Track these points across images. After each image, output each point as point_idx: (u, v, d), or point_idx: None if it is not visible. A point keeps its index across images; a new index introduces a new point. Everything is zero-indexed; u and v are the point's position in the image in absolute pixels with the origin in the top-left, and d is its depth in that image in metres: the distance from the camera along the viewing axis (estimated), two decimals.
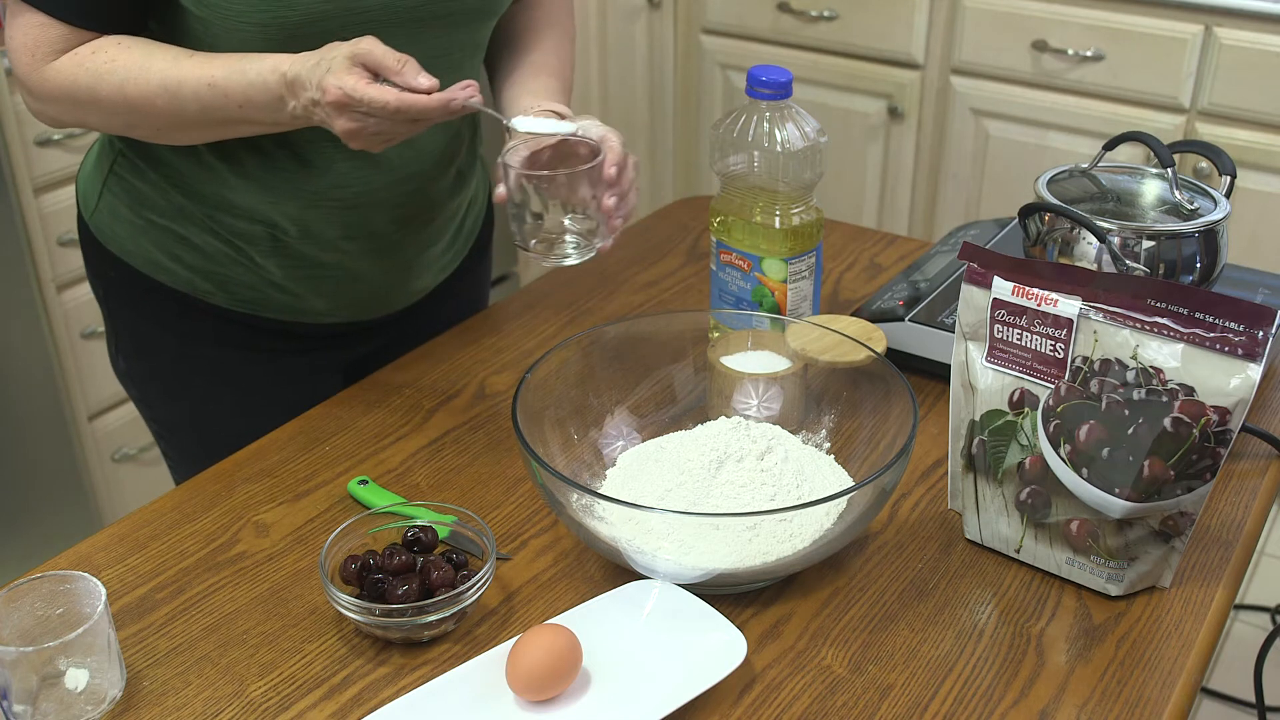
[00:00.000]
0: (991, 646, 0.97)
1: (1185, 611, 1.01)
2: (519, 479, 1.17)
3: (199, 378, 1.32)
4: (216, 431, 1.33)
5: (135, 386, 1.37)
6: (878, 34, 2.81)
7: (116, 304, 1.32)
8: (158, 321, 1.29)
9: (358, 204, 1.23)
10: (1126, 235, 1.21)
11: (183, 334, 1.30)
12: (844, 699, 0.93)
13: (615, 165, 1.11)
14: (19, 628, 0.91)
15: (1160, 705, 0.92)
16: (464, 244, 1.41)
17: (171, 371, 1.33)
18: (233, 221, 1.23)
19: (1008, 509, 1.04)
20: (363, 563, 0.99)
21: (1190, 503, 0.97)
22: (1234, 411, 0.92)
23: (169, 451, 1.40)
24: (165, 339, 1.30)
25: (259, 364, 1.33)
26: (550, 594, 1.03)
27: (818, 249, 1.27)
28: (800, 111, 1.23)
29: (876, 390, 1.11)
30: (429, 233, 1.32)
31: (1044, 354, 0.99)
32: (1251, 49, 2.41)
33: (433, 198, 1.30)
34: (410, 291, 1.36)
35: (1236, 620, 2.32)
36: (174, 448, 1.39)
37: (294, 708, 0.92)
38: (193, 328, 1.29)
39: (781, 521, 0.99)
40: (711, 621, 0.95)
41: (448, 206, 1.33)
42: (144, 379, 1.36)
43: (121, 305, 1.32)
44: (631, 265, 1.58)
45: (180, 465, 1.40)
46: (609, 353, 1.18)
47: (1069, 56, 2.59)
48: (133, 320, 1.32)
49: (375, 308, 1.35)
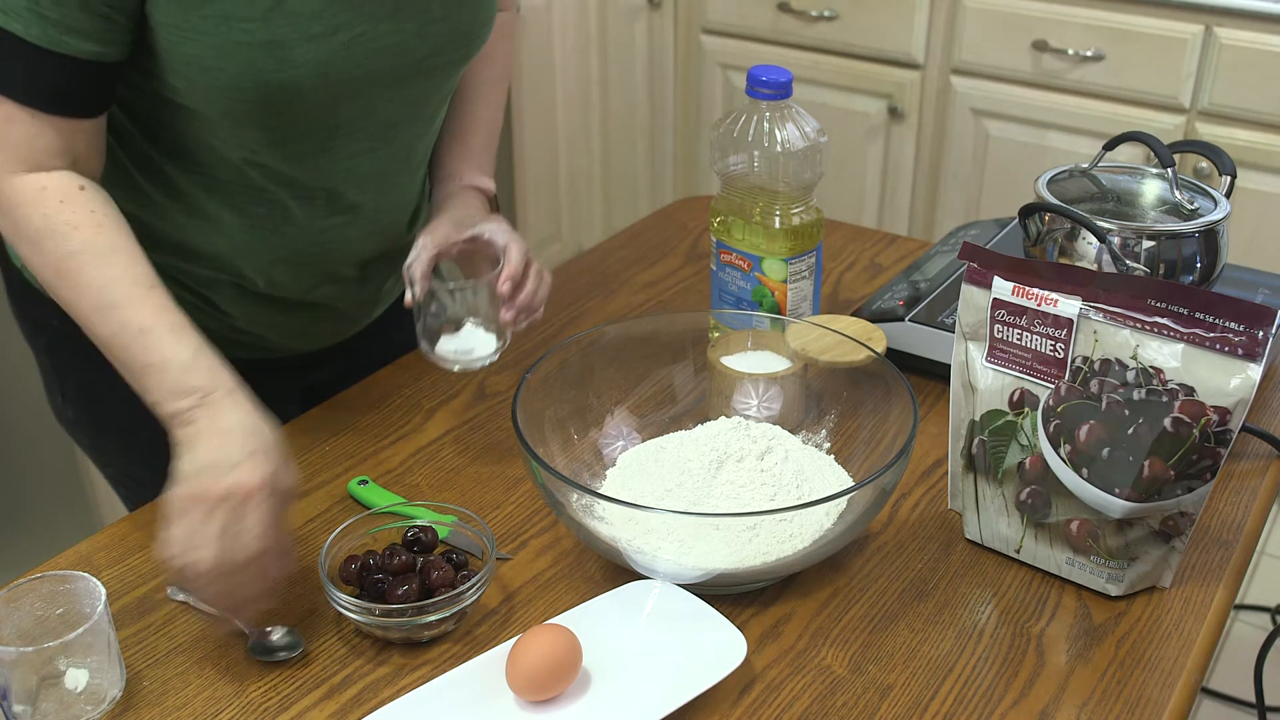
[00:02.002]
0: (991, 646, 0.97)
1: (1185, 611, 1.01)
2: (519, 479, 1.17)
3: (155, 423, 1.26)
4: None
5: (87, 436, 1.31)
6: (878, 34, 2.81)
7: (62, 354, 1.25)
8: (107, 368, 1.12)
9: (329, 256, 1.21)
10: (1126, 235, 1.21)
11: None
12: (844, 699, 0.93)
13: (509, 279, 1.13)
14: (19, 628, 0.91)
15: (1160, 705, 0.92)
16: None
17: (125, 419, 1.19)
18: (196, 270, 1.19)
19: (1008, 509, 1.04)
20: (363, 563, 0.99)
21: (1190, 503, 0.97)
22: (1234, 411, 0.92)
23: (128, 498, 1.34)
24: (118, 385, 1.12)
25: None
26: (550, 594, 1.03)
27: (818, 249, 1.27)
28: (800, 111, 1.23)
29: (876, 390, 1.11)
30: (393, 265, 1.29)
31: (1044, 354, 0.99)
32: (1251, 49, 2.41)
33: (400, 236, 1.27)
34: (372, 317, 1.37)
35: (1236, 620, 2.32)
36: (132, 492, 1.33)
37: (294, 708, 0.92)
38: None
39: (781, 521, 0.99)
40: (711, 621, 0.95)
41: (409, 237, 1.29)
42: (96, 428, 1.30)
43: (69, 355, 1.23)
44: (631, 265, 1.58)
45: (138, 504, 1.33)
46: (609, 353, 1.18)
47: (1069, 56, 2.59)
48: (82, 368, 1.21)
49: (335, 335, 1.34)
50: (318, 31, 1.02)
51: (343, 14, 1.03)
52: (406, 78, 1.12)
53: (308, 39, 1.02)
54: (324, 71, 1.04)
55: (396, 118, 1.15)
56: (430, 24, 1.10)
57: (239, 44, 0.99)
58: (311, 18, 1.01)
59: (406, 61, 1.10)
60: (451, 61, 1.16)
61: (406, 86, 1.13)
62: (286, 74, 1.02)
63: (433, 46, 1.12)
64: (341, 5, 1.03)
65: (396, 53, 1.09)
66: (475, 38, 1.17)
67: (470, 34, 1.16)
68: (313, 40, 1.02)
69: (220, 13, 0.98)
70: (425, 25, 1.10)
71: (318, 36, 1.02)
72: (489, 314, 1.15)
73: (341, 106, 1.08)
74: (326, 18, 1.02)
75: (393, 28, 1.07)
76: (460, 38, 1.14)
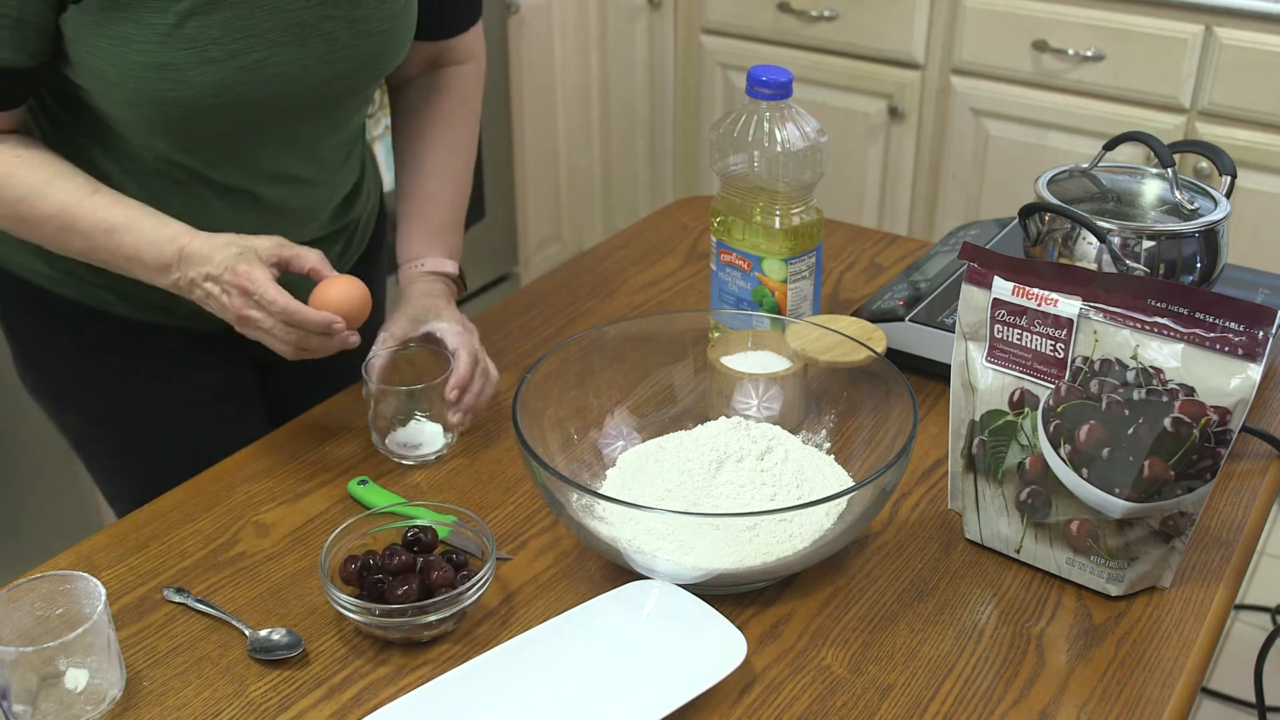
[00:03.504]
0: (991, 647, 0.97)
1: (1185, 611, 1.01)
2: (519, 479, 1.17)
3: (105, 386, 1.30)
4: (128, 440, 1.32)
5: (43, 399, 1.35)
6: (878, 34, 2.81)
7: (15, 316, 1.30)
8: (59, 331, 1.28)
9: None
10: (1126, 235, 1.21)
11: (86, 343, 1.28)
12: (844, 699, 0.93)
13: (456, 388, 1.17)
14: (19, 628, 0.91)
15: (1160, 705, 0.92)
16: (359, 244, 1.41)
17: (75, 381, 1.30)
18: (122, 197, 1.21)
19: (1008, 509, 1.04)
20: (363, 563, 0.99)
21: (1190, 503, 0.97)
22: (1234, 411, 0.92)
23: (86, 460, 1.38)
24: (68, 349, 1.28)
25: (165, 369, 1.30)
26: (550, 594, 1.03)
27: (818, 249, 1.27)
28: (800, 111, 1.23)
29: (876, 390, 1.11)
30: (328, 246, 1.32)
31: (1044, 354, 0.99)
32: (1251, 49, 2.41)
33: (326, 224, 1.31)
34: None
35: (1236, 620, 2.32)
36: (90, 456, 1.37)
37: (294, 708, 0.92)
38: (96, 337, 1.27)
39: (781, 521, 0.99)
40: (711, 621, 0.95)
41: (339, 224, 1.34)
42: (50, 390, 1.33)
43: (20, 316, 1.30)
44: (631, 265, 1.58)
45: (98, 475, 1.38)
46: (609, 353, 1.18)
47: (1069, 56, 2.59)
48: (34, 331, 1.30)
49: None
50: (214, 56, 1.07)
51: (241, 40, 1.07)
52: (310, 100, 1.15)
53: (203, 62, 1.07)
54: (218, 94, 1.09)
55: (303, 132, 1.19)
56: (335, 51, 1.13)
57: (136, 64, 1.05)
58: (208, 43, 1.06)
59: (309, 85, 1.14)
60: (359, 84, 1.20)
61: (311, 107, 1.16)
62: (181, 93, 1.07)
63: (338, 72, 1.15)
64: (241, 32, 1.07)
65: (298, 78, 1.12)
66: (386, 63, 1.20)
67: (380, 59, 1.19)
68: (209, 64, 1.07)
69: (121, 34, 1.04)
70: (330, 52, 1.13)
71: (214, 60, 1.07)
72: (438, 411, 1.19)
73: (243, 122, 1.13)
74: (224, 43, 1.07)
75: (295, 54, 1.11)
76: (369, 63, 1.18)
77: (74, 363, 1.30)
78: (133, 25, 1.04)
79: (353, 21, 1.13)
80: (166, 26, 1.04)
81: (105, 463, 1.36)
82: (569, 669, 0.93)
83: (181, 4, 1.04)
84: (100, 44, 1.05)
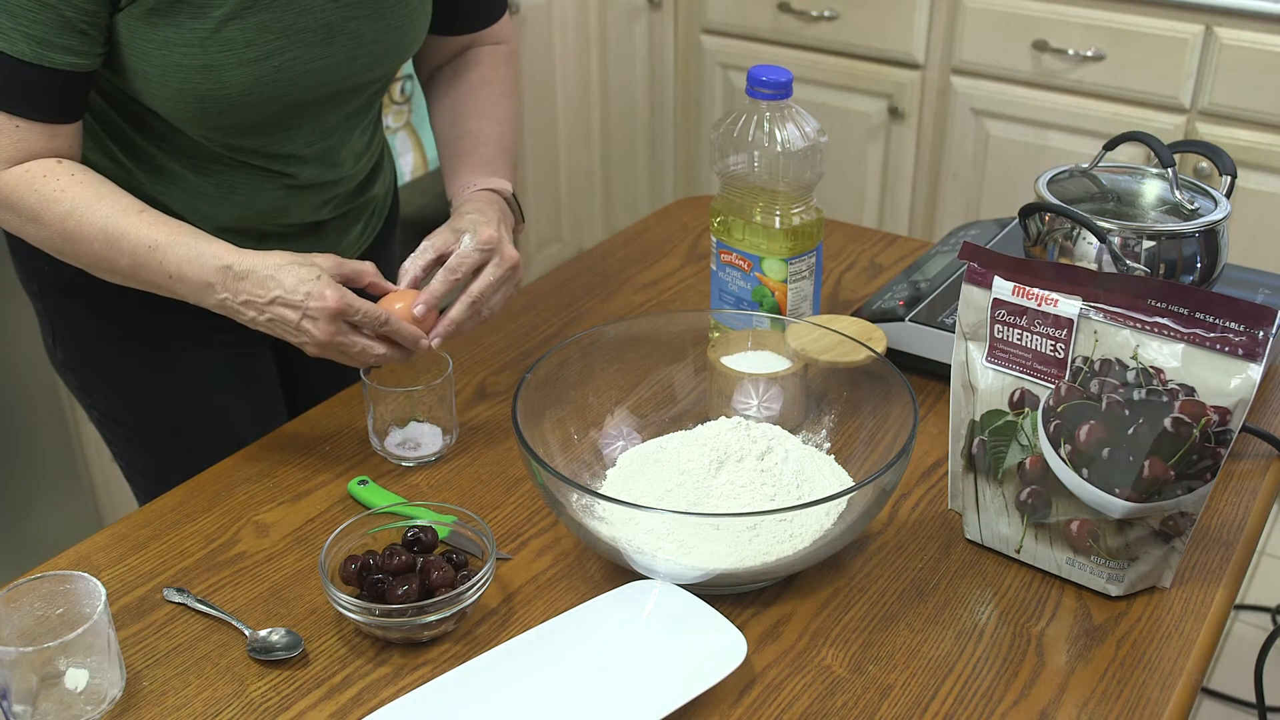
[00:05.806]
0: (991, 647, 0.97)
1: (1185, 611, 1.01)
2: (519, 479, 1.17)
3: (138, 361, 1.33)
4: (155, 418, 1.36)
5: (74, 375, 1.38)
6: (878, 34, 2.81)
7: (51, 296, 1.33)
8: (93, 308, 1.30)
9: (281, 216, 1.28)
10: (1127, 235, 1.21)
11: (120, 318, 1.30)
12: (844, 699, 0.93)
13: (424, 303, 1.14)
14: (19, 628, 0.91)
15: (1160, 705, 0.92)
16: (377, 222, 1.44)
17: (109, 356, 1.34)
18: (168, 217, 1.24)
19: (1008, 509, 1.04)
20: (363, 563, 0.99)
21: (1190, 503, 0.97)
22: (1234, 411, 0.92)
23: (112, 440, 1.41)
24: (103, 325, 1.31)
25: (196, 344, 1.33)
26: (550, 594, 1.03)
27: (818, 249, 1.27)
28: (800, 111, 1.23)
29: (876, 390, 1.11)
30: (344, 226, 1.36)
31: (1044, 354, 0.99)
32: (1251, 49, 2.41)
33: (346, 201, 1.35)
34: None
35: (1236, 620, 2.32)
36: (115, 435, 1.40)
37: (294, 708, 0.92)
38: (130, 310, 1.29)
39: (781, 521, 0.99)
40: (711, 621, 0.95)
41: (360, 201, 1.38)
42: (82, 367, 1.36)
43: (56, 295, 1.32)
44: (631, 265, 1.58)
45: (125, 453, 1.41)
46: (609, 353, 1.18)
47: (1069, 56, 2.59)
48: (69, 309, 1.32)
49: None
50: (251, 57, 1.12)
51: (275, 41, 1.13)
52: (337, 91, 1.21)
53: (241, 64, 1.12)
54: (255, 90, 1.14)
55: (330, 117, 1.24)
56: (360, 47, 1.20)
57: (178, 65, 1.10)
58: (245, 45, 1.11)
59: (336, 78, 1.20)
60: (381, 74, 1.26)
61: (338, 96, 1.22)
62: (221, 92, 1.12)
63: (362, 65, 1.21)
64: (275, 33, 1.13)
65: (326, 72, 1.18)
66: (406, 52, 1.26)
67: (400, 50, 1.25)
68: (246, 65, 1.12)
69: (163, 38, 1.09)
70: (356, 49, 1.19)
71: (251, 61, 1.12)
72: (436, 412, 1.19)
73: (275, 115, 1.18)
74: (259, 45, 1.12)
75: (324, 52, 1.17)
76: (390, 55, 1.24)
77: (108, 337, 1.33)
78: (174, 30, 1.09)
79: (375, 19, 1.19)
80: (206, 31, 1.09)
81: (130, 440, 1.39)
82: (569, 669, 0.93)
83: (220, 9, 1.09)
84: (144, 47, 1.10)
